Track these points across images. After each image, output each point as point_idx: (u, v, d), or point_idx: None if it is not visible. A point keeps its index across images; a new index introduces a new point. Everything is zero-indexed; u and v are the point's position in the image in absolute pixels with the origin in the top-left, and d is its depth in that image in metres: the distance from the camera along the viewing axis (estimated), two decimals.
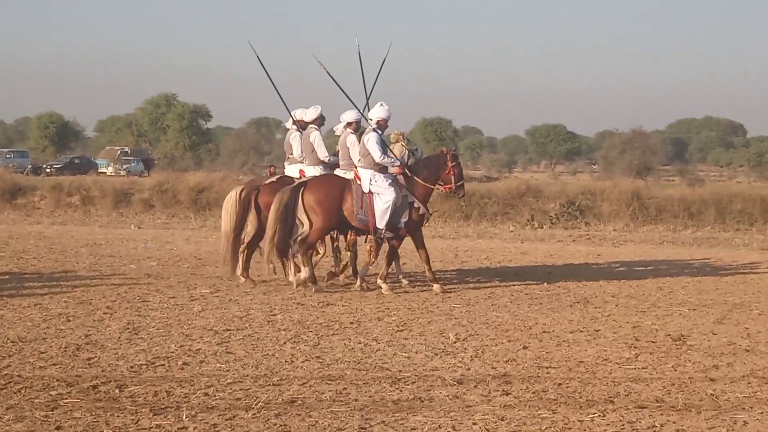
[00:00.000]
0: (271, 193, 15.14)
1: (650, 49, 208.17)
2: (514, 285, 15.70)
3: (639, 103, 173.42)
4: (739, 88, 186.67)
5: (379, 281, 14.85)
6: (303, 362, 9.53)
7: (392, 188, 14.67)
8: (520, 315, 12.70)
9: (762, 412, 7.93)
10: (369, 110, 15.38)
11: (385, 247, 15.34)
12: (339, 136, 15.59)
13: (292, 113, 16.15)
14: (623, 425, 7.54)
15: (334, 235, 15.83)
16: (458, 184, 15.29)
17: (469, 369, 9.40)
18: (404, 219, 14.84)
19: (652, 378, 9.13)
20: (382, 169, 14.70)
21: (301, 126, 15.91)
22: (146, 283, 14.95)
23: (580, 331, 11.55)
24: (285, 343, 10.48)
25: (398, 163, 14.93)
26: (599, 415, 7.76)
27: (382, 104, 15.11)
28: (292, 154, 16.07)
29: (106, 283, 14.94)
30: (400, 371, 9.20)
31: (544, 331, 11.50)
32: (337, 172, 15.32)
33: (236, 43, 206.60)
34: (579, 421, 7.62)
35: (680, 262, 20.04)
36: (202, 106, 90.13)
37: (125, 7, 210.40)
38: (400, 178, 14.97)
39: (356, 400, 8.09)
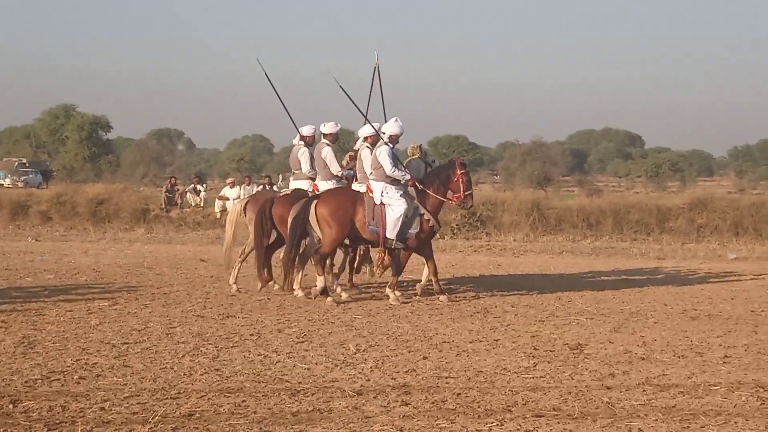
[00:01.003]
0: (285, 205, 15.51)
1: (550, 60, 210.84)
2: (415, 295, 15.74)
3: (539, 114, 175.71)
4: (637, 99, 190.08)
5: (388, 291, 15.13)
6: (202, 375, 9.45)
7: (403, 199, 14.99)
8: (420, 325, 12.73)
9: (656, 420, 8.05)
10: (365, 124, 15.84)
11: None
12: (356, 150, 16.08)
13: (300, 129, 16.49)
14: None
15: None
16: (467, 193, 15.53)
17: (368, 380, 9.40)
18: (414, 230, 15.11)
19: (549, 387, 9.22)
20: (393, 181, 14.99)
21: (308, 142, 16.33)
22: (43, 297, 14.70)
23: (480, 341, 11.63)
24: (184, 356, 10.38)
25: (409, 175, 15.18)
26: (497, 425, 7.82)
27: (396, 120, 15.45)
28: (299, 169, 16.40)
29: (1, 296, 14.65)
30: (300, 383, 9.17)
31: (444, 341, 11.55)
32: (355, 185, 15.74)
33: (138, 53, 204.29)
34: (477, 430, 7.67)
35: (579, 272, 20.30)
36: (102, 117, 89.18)
37: (21, 14, 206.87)
38: (412, 190, 15.26)
39: (255, 412, 8.03)
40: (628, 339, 11.99)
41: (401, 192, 15.04)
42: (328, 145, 16.06)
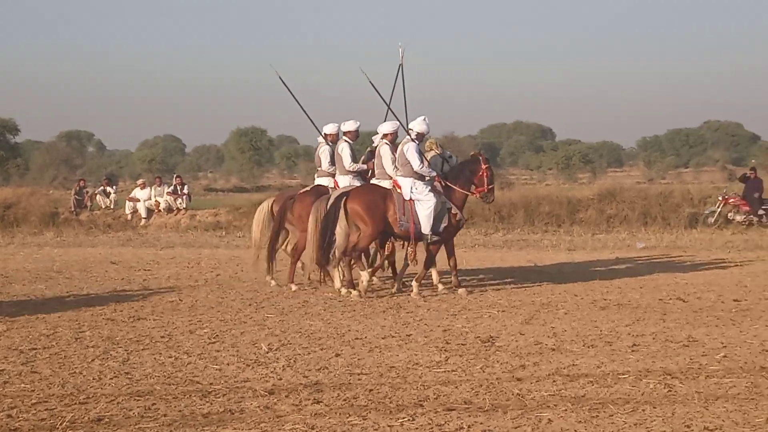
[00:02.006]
0: (305, 202, 16.05)
1: (460, 55, 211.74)
2: (327, 293, 15.74)
3: (451, 108, 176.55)
4: (548, 92, 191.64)
5: (414, 284, 15.59)
6: (111, 379, 9.35)
7: (432, 194, 15.39)
8: (333, 323, 12.73)
9: (566, 410, 8.14)
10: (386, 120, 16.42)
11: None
12: (375, 146, 16.49)
13: (322, 129, 17.08)
14: (432, 428, 7.63)
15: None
16: (490, 187, 16.03)
17: (281, 379, 9.37)
18: (444, 224, 15.54)
19: (461, 380, 9.27)
20: (420, 176, 15.38)
21: (332, 140, 16.90)
22: None
23: (392, 337, 11.66)
24: (93, 360, 10.26)
25: (435, 172, 15.70)
26: (408, 419, 7.84)
27: (425, 119, 15.77)
28: (320, 166, 17.01)
29: None
30: (211, 384, 9.11)
31: (357, 338, 11.56)
32: (373, 181, 16.16)
33: (45, 55, 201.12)
34: (389, 426, 7.69)
35: (492, 265, 20.43)
36: (9, 120, 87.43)
37: None
38: (437, 185, 15.73)
39: (165, 415, 7.97)
40: (538, 330, 12.11)
41: (429, 187, 15.46)
42: (346, 141, 16.55)
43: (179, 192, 33.59)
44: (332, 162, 16.72)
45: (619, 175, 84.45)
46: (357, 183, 16.30)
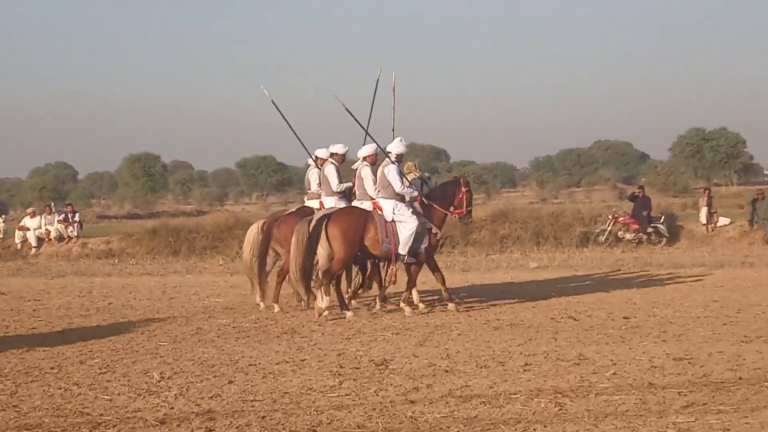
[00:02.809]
0: (290, 223, 16.28)
1: (351, 76, 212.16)
2: (221, 319, 15.64)
3: (349, 132, 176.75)
4: (440, 114, 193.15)
5: (403, 304, 16.01)
6: None
7: (414, 216, 15.77)
8: (226, 349, 12.64)
9: (458, 430, 8.19)
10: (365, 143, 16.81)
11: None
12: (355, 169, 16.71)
13: (313, 153, 17.59)
14: None
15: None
16: (468, 209, 16.51)
17: (172, 408, 9.27)
18: (424, 245, 15.93)
19: (354, 404, 9.27)
20: (402, 198, 15.81)
21: (322, 164, 17.25)
22: None
23: (286, 362, 11.62)
24: None
25: (416, 192, 16.12)
26: None
27: (401, 140, 16.28)
28: (310, 189, 17.50)
29: None
30: (101, 415, 8.98)
31: (251, 364, 11.49)
32: (355, 203, 16.42)
33: None
34: None
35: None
36: None
37: None
38: (417, 205, 16.13)
39: None
40: (432, 352, 12.17)
41: (410, 209, 15.84)
42: (332, 163, 16.89)
43: (70, 220, 33.06)
44: (320, 184, 17.14)
45: (512, 196, 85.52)
46: (342, 204, 16.63)
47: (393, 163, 15.93)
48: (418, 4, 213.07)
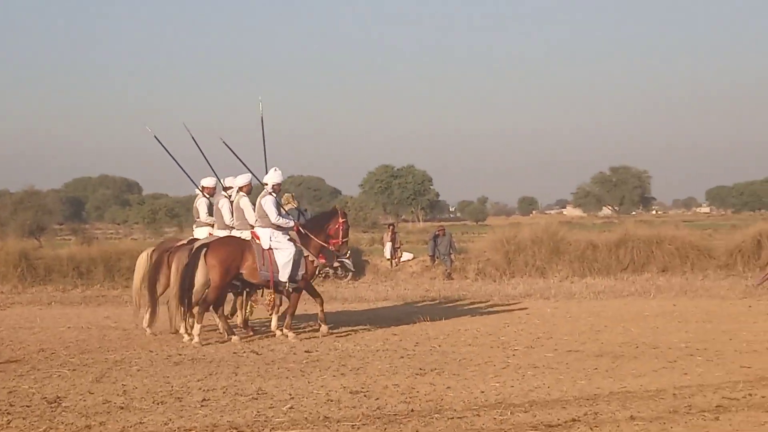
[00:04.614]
0: (176, 253, 16.63)
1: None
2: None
3: (32, 161, 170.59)
4: (132, 147, 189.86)
5: (285, 330, 16.48)
6: None
7: (291, 243, 16.39)
8: None
9: None
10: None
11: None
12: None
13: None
14: None
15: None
16: (344, 240, 17.00)
17: None
18: (302, 271, 16.48)
19: None
20: (278, 227, 16.28)
21: (209, 193, 18.03)
22: None
23: None
24: None
25: (293, 222, 16.62)
26: None
27: (276, 169, 16.76)
28: (198, 217, 17.99)
29: None
30: None
31: None
32: (234, 233, 16.82)
33: None
34: None
35: (66, 321, 19.88)
36: None
37: None
38: (294, 234, 16.58)
39: None
40: (108, 388, 11.87)
41: (287, 237, 16.42)
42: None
43: None
44: (210, 213, 17.73)
45: None
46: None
47: (270, 194, 16.44)
48: None
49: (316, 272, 17.24)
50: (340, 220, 17.00)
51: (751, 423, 9.42)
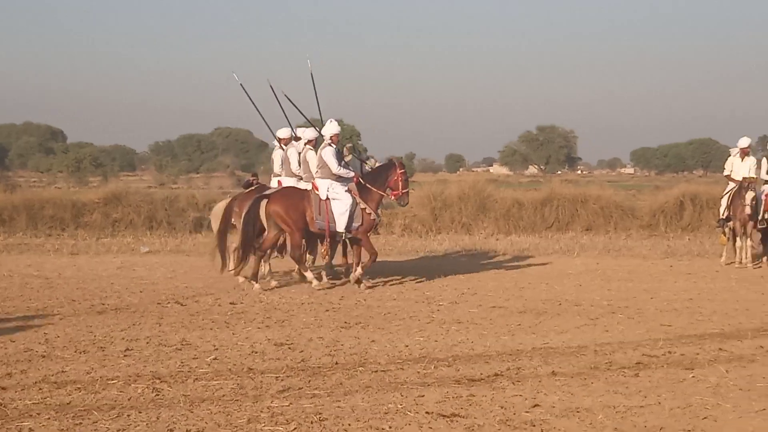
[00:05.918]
0: (244, 202, 17.27)
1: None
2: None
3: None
4: (58, 93, 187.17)
5: (355, 281, 17.04)
6: None
7: (348, 194, 16.72)
8: None
9: (49, 418, 7.95)
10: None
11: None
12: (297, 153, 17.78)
13: (275, 132, 18.57)
14: None
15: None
16: (404, 191, 17.20)
17: None
18: (357, 223, 16.79)
19: None
20: (338, 178, 16.70)
21: (285, 144, 18.26)
22: None
23: None
24: None
25: (353, 173, 16.97)
26: None
27: (331, 121, 17.14)
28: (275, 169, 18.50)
29: None
30: None
31: None
32: (301, 184, 17.40)
33: None
34: None
35: None
36: None
37: None
38: (353, 186, 16.88)
39: None
40: (30, 336, 11.78)
41: (345, 188, 16.75)
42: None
43: None
44: (282, 165, 18.14)
45: (131, 179, 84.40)
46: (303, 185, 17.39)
47: (330, 145, 16.80)
48: None
49: (374, 225, 17.32)
50: (399, 171, 17.18)
51: (670, 380, 9.59)
